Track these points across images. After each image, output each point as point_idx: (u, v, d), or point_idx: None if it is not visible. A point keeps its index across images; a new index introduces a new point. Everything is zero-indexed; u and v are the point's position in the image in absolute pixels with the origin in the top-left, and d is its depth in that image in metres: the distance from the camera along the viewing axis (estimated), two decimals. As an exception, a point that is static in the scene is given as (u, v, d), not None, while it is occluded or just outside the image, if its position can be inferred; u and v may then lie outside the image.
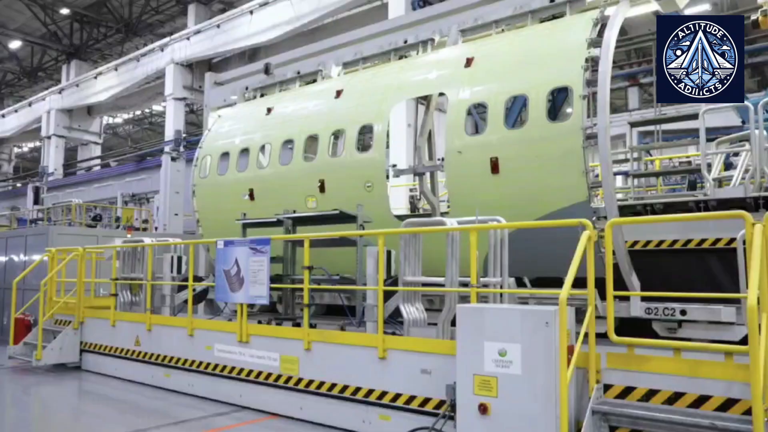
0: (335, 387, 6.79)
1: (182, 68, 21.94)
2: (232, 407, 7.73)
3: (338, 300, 8.87)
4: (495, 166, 7.37)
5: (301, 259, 7.98)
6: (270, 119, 10.71)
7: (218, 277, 8.08)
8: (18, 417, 8.28)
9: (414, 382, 6.10)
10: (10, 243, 16.17)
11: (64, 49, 31.30)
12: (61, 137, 30.21)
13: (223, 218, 10.77)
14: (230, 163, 10.92)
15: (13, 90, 38.83)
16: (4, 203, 33.98)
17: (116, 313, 10.06)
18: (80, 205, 20.06)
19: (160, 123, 35.33)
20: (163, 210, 21.36)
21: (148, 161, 26.07)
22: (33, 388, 9.46)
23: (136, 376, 9.44)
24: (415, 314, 6.49)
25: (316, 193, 9.29)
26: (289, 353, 7.28)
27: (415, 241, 6.58)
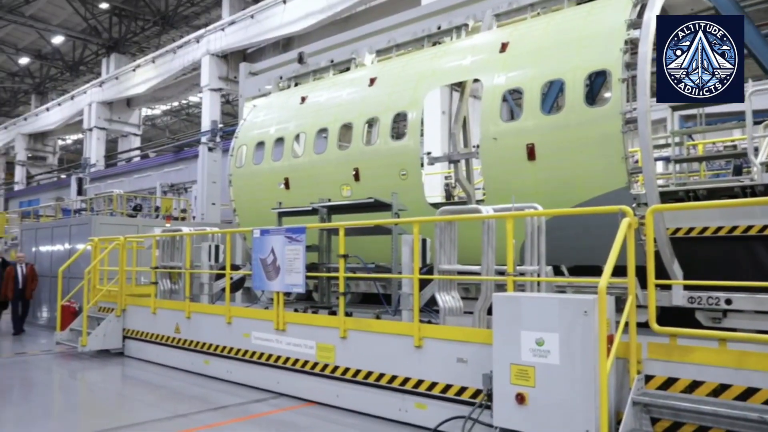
0: (371, 375, 6.81)
1: (217, 59, 22.14)
2: (270, 394, 7.83)
3: (374, 288, 8.90)
4: (531, 153, 7.25)
5: (336, 247, 8.01)
6: (304, 108, 10.75)
7: (255, 265, 8.17)
8: (66, 400, 8.54)
9: (450, 371, 6.08)
10: (56, 233, 16.65)
11: (103, 43, 31.93)
12: (102, 129, 30.88)
13: (258, 207, 10.88)
14: (265, 153, 11.00)
15: (57, 84, 39.81)
16: (49, 194, 34.94)
17: (157, 301, 10.27)
18: (121, 196, 20.47)
19: (197, 114, 35.86)
20: (200, 199, 21.67)
21: (185, 152, 26.48)
22: (79, 372, 9.74)
23: (176, 362, 9.63)
24: (450, 303, 6.45)
25: (350, 182, 9.30)
26: (326, 341, 7.33)
27: (450, 229, 6.53)
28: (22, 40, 34.60)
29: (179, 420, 6.89)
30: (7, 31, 32.96)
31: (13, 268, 13.69)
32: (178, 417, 7.02)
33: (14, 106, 44.71)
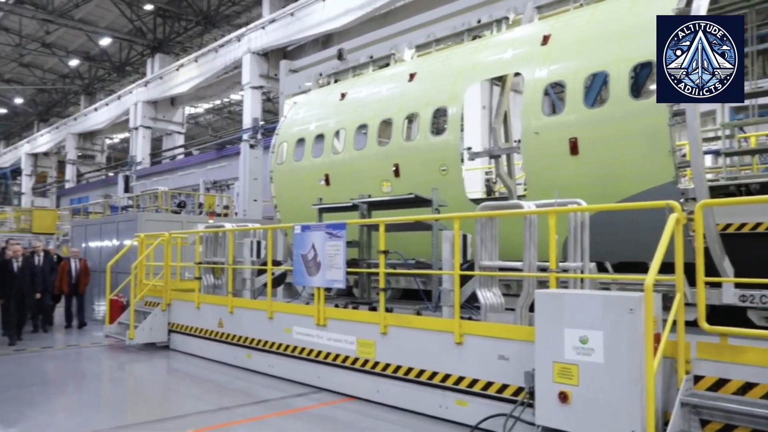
0: (412, 371, 6.79)
1: (258, 57, 22.39)
2: (311, 388, 7.89)
3: (414, 284, 8.88)
4: (574, 147, 7.12)
5: (376, 243, 8.02)
6: (344, 104, 10.79)
7: (296, 261, 8.24)
8: (114, 391, 8.79)
9: (491, 368, 6.02)
10: (104, 229, 17.13)
11: (148, 43, 32.66)
12: (147, 128, 31.59)
13: (299, 203, 10.98)
14: (306, 149, 11.09)
15: (104, 85, 40.91)
16: (98, 191, 35.97)
17: (200, 296, 10.46)
18: (166, 193, 20.92)
19: (239, 111, 36.36)
20: (242, 196, 21.97)
21: (227, 149, 26.88)
22: (127, 365, 10.01)
23: (219, 356, 9.80)
24: (492, 299, 6.38)
25: (390, 178, 9.29)
26: (366, 337, 7.34)
27: (491, 224, 6.46)
28: (72, 43, 35.70)
29: (223, 413, 7.02)
30: (59, 35, 34.06)
31: (67, 262, 13.97)
32: (222, 410, 7.15)
33: (65, 107, 46.15)
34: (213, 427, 6.48)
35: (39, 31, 33.29)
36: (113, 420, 6.93)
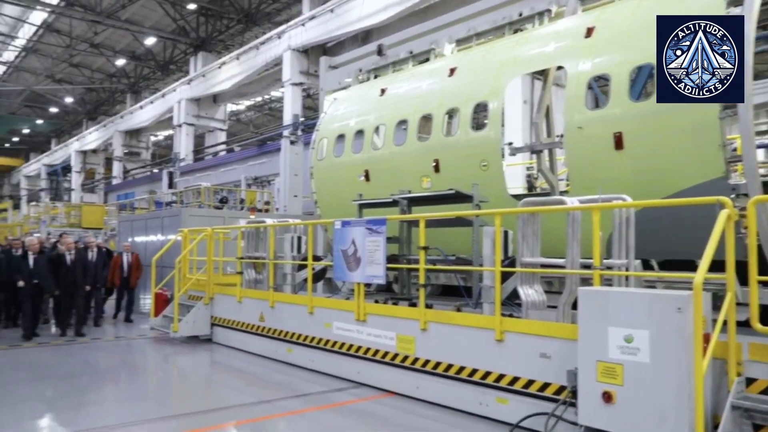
0: (452, 368, 6.76)
1: (298, 54, 22.57)
2: (351, 383, 7.93)
3: (454, 280, 8.83)
4: (619, 142, 6.96)
5: (416, 239, 7.99)
6: (384, 100, 10.77)
7: (336, 256, 8.28)
8: (159, 382, 9.00)
9: (532, 366, 5.94)
10: (149, 224, 17.55)
11: (191, 42, 33.26)
12: (190, 125, 32.19)
13: (339, 199, 11.02)
14: (346, 145, 11.12)
15: (149, 83, 41.86)
16: (143, 187, 36.82)
17: (242, 290, 10.62)
18: (208, 188, 21.29)
19: (279, 108, 36.74)
20: (283, 192, 22.20)
21: (268, 145, 27.17)
22: (171, 357, 10.23)
23: (260, 349, 9.93)
24: (533, 296, 6.30)
25: (430, 173, 9.25)
26: (406, 333, 7.34)
27: (533, 220, 6.37)
28: (118, 43, 36.63)
29: (264, 406, 7.11)
30: (106, 35, 34.98)
31: (119, 257, 14.24)
32: (263, 403, 7.24)
33: (112, 105, 47.40)
34: (254, 419, 6.58)
35: (88, 32, 34.25)
36: (158, 410, 7.10)
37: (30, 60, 40.22)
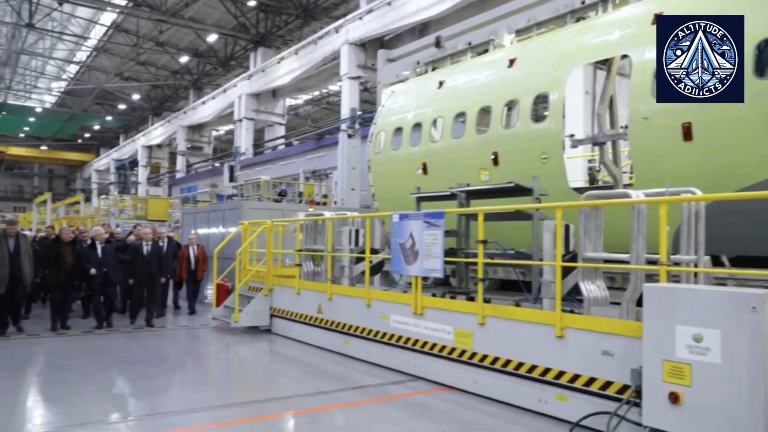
0: (510, 363, 6.67)
1: (356, 48, 22.65)
2: (407, 376, 7.94)
3: (513, 275, 8.70)
4: (688, 133, 6.68)
5: (474, 232, 7.91)
6: (442, 92, 10.69)
7: (393, 249, 8.29)
8: (220, 371, 9.24)
9: (594, 364, 5.79)
10: (211, 217, 18.02)
11: (251, 38, 33.89)
12: (250, 120, 32.84)
13: (397, 192, 11.02)
14: (403, 138, 11.10)
15: (211, 79, 42.93)
16: (205, 181, 37.82)
17: (301, 282, 10.76)
18: (268, 182, 21.67)
19: (337, 102, 37.01)
20: (340, 185, 22.37)
21: (326, 139, 27.44)
22: (232, 346, 10.49)
23: (318, 341, 10.06)
24: (595, 292, 6.13)
25: (489, 166, 9.13)
26: (463, 327, 7.28)
27: (596, 214, 6.19)
28: (182, 41, 37.72)
29: (321, 397, 7.20)
30: (170, 33, 36.08)
31: (186, 249, 14.27)
32: (320, 394, 7.33)
33: (176, 102, 48.88)
34: (312, 410, 6.67)
35: (153, 31, 35.43)
36: (220, 398, 7.29)
37: (100, 59, 41.96)
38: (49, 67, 47.22)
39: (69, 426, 5.83)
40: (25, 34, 37.62)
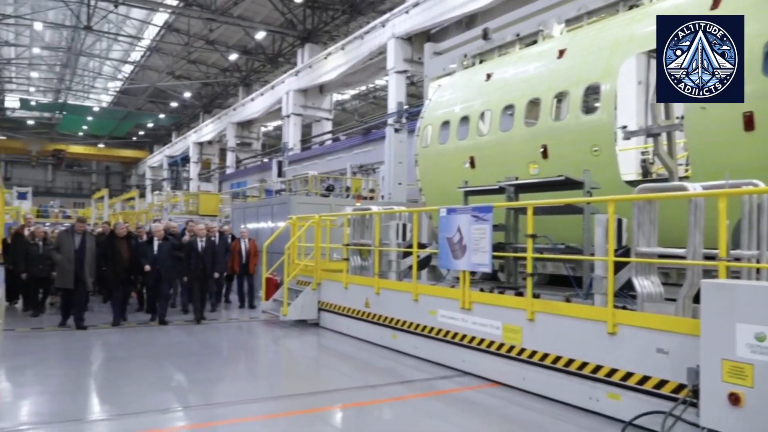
0: (560, 360, 6.55)
1: (402, 42, 22.58)
2: (455, 372, 7.89)
3: (562, 270, 8.54)
4: (749, 122, 6.41)
5: (523, 227, 7.79)
6: (489, 85, 10.56)
7: (441, 244, 8.24)
8: (269, 363, 9.39)
9: (648, 362, 5.63)
10: (260, 211, 18.32)
11: (298, 34, 34.21)
12: (298, 115, 33.17)
13: (444, 186, 10.95)
14: (451, 132, 11.01)
15: (260, 76, 43.56)
16: (254, 176, 38.44)
17: (348, 277, 10.82)
18: (315, 177, 21.87)
19: (383, 97, 37.06)
20: (387, 179, 22.38)
21: (373, 134, 27.48)
22: (281, 339, 10.64)
23: (366, 335, 10.10)
24: (649, 288, 5.95)
25: (538, 159, 8.97)
26: (512, 322, 7.19)
27: (650, 208, 6.00)
28: (231, 39, 38.38)
29: (369, 390, 7.23)
30: (220, 32, 36.77)
31: (238, 242, 14.17)
32: (368, 387, 7.37)
33: (225, 99, 49.81)
34: (359, 403, 6.70)
35: (203, 30, 36.16)
36: (269, 390, 7.41)
37: (153, 59, 43.11)
38: (105, 67, 48.82)
39: (127, 414, 6.02)
40: (84, 37, 38.97)
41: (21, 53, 45.05)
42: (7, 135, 65.93)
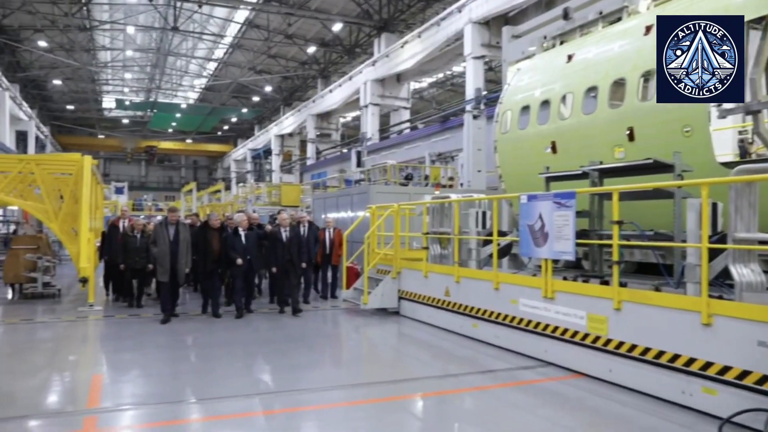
0: (649, 352, 6.26)
1: (479, 26, 22.19)
2: (537, 362, 7.72)
3: (651, 257, 8.15)
4: None
5: (608, 213, 7.49)
6: (571, 67, 10.19)
7: (522, 231, 8.06)
8: (351, 351, 9.52)
9: (748, 355, 5.28)
10: (340, 201, 18.57)
11: (375, 24, 34.31)
12: (375, 105, 33.34)
13: (525, 173, 10.70)
14: (531, 117, 10.73)
15: (338, 67, 44.07)
16: (334, 167, 39.05)
17: (428, 265, 10.79)
18: (394, 166, 21.92)
19: (461, 83, 36.64)
20: (466, 167, 22.15)
21: (451, 121, 27.23)
22: (362, 327, 10.77)
23: (446, 324, 10.05)
24: (749, 276, 5.58)
25: (624, 142, 8.60)
26: (597, 312, 6.94)
27: (749, 191, 5.62)
28: (309, 32, 39.00)
29: (449, 380, 7.19)
30: (298, 26, 37.44)
31: (323, 232, 13.85)
32: (448, 377, 7.33)
33: (305, 91, 50.74)
34: (440, 392, 6.68)
35: (282, 25, 36.92)
36: (350, 378, 7.51)
37: (235, 55, 44.45)
38: (191, 65, 50.85)
39: (215, 398, 6.27)
40: (171, 37, 40.73)
41: (116, 56, 47.73)
42: (105, 134, 70.29)
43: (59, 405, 6.26)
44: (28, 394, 6.39)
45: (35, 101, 54.94)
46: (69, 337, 9.81)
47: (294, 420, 5.73)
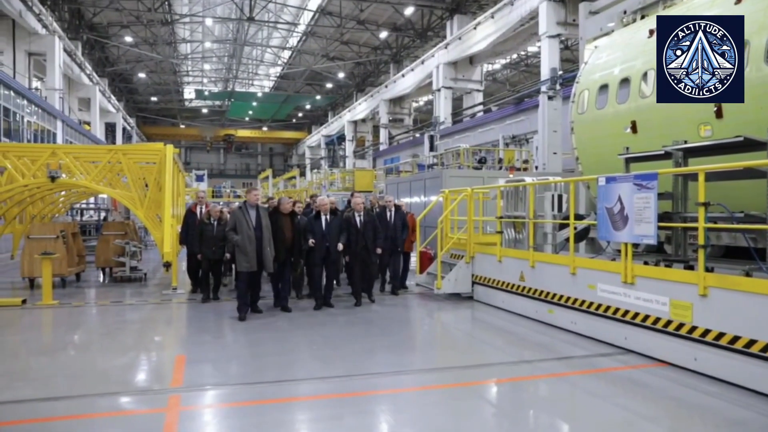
0: (738, 340, 5.93)
1: (555, 4, 21.52)
2: (616, 349, 7.48)
3: (741, 241, 7.71)
4: None
5: (693, 194, 7.12)
6: (652, 42, 9.63)
7: (600, 215, 7.79)
8: (425, 336, 9.53)
9: None
10: (413, 186, 18.57)
11: (447, 6, 33.92)
12: (448, 88, 33.06)
13: (603, 154, 10.35)
14: (609, 96, 10.34)
15: (410, 52, 43.95)
16: (407, 152, 39.08)
17: (502, 250, 10.64)
18: (467, 150, 21.70)
19: (535, 64, 35.78)
20: (541, 149, 21.67)
21: (525, 103, 26.66)
22: (435, 312, 10.75)
23: (520, 309, 9.89)
24: None
25: (710, 120, 8.13)
26: (681, 298, 6.63)
27: None
28: (380, 17, 39.03)
29: (524, 366, 7.08)
30: (370, 11, 37.53)
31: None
32: (523, 363, 7.21)
33: (377, 77, 50.92)
34: (515, 378, 6.59)
35: (354, 11, 37.12)
36: (423, 362, 7.52)
37: (309, 43, 45.10)
38: (266, 55, 52.03)
39: (293, 381, 6.44)
40: (247, 27, 41.77)
41: (195, 48, 49.45)
42: (186, 124, 73.16)
43: (146, 383, 6.60)
44: (119, 372, 6.78)
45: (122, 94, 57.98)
46: (154, 319, 10.31)
47: (367, 403, 5.80)
